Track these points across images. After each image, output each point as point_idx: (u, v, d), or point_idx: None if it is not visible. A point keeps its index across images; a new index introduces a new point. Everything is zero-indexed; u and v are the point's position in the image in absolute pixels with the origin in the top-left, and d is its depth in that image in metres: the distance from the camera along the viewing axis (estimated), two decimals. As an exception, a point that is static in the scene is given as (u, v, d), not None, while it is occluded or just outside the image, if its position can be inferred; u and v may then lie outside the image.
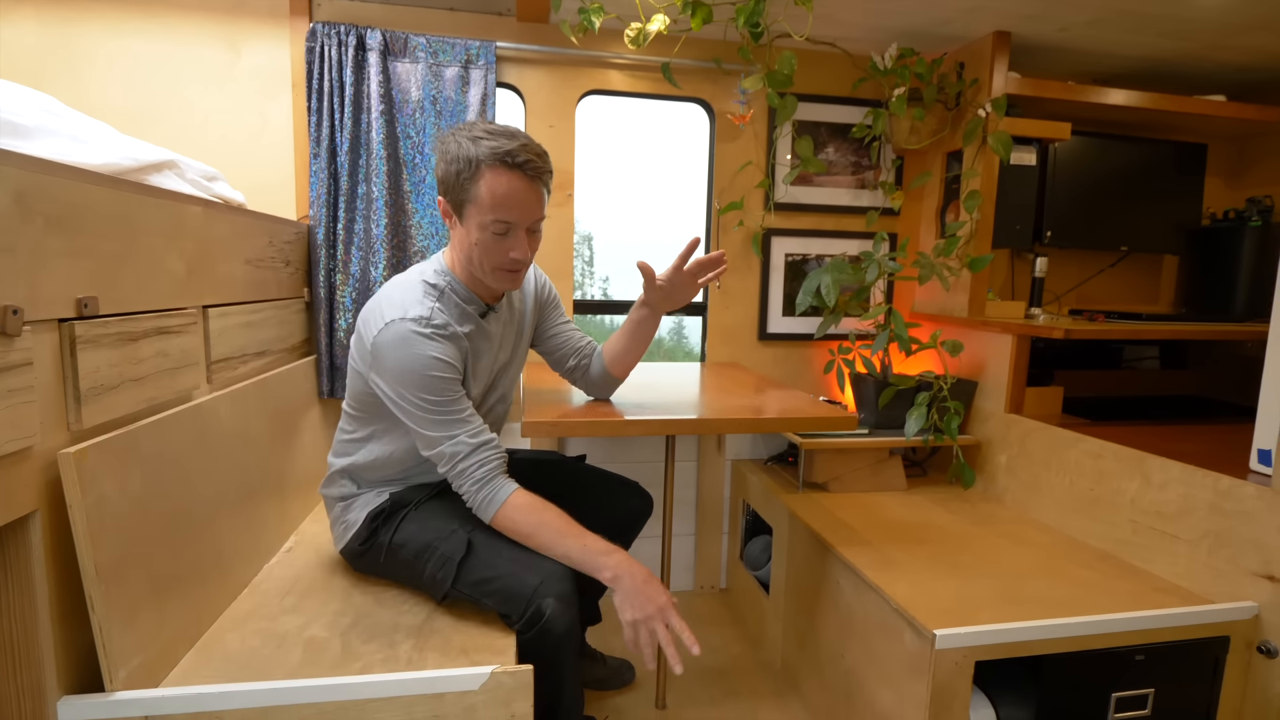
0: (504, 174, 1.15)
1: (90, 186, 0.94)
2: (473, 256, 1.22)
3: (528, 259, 1.23)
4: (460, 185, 1.17)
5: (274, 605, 1.25)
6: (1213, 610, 1.31)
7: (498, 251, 1.20)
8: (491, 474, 1.20)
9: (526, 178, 1.16)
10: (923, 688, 1.23)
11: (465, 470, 1.19)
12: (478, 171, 1.15)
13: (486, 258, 1.21)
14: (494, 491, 1.19)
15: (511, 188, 1.15)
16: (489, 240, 1.19)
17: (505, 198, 1.16)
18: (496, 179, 1.15)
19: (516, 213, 1.18)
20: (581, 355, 1.53)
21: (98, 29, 1.79)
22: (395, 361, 1.16)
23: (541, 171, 1.18)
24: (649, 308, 1.44)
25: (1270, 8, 1.77)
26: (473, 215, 1.18)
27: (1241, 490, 1.33)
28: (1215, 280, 2.42)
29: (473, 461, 1.19)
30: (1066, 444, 1.74)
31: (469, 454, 1.18)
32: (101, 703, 0.91)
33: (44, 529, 0.87)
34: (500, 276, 1.24)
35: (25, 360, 0.82)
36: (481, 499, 1.19)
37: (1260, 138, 2.48)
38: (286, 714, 0.97)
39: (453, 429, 1.18)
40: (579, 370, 1.53)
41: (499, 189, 1.15)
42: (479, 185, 1.15)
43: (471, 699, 1.02)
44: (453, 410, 1.19)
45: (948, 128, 2.14)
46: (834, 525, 1.71)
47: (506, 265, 1.22)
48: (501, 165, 1.14)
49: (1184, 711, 1.33)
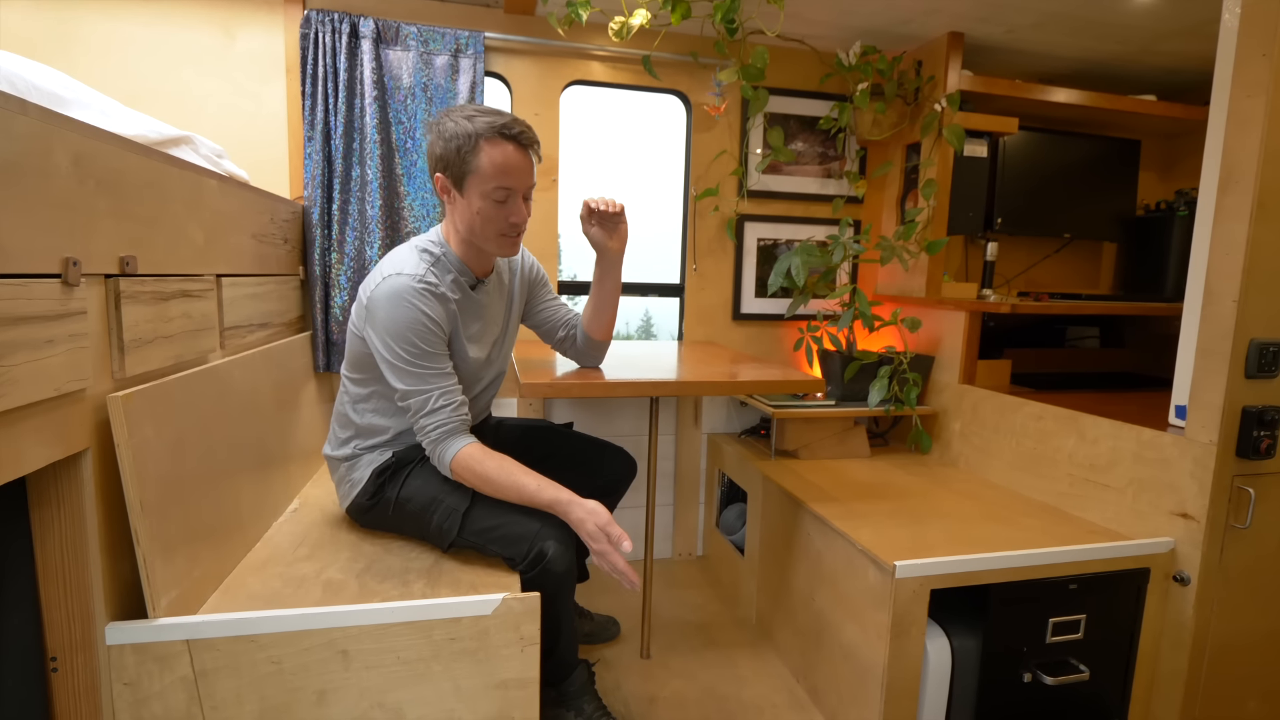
0: (501, 144, 1.26)
1: (130, 154, 1.02)
2: (474, 226, 1.32)
3: (525, 224, 1.34)
4: (461, 159, 1.27)
5: (289, 555, 1.34)
6: (1135, 545, 1.48)
7: (499, 218, 1.31)
8: (452, 430, 1.30)
9: (521, 147, 1.29)
10: (885, 616, 1.37)
11: (429, 424, 1.29)
12: (477, 145, 1.25)
13: (489, 225, 1.31)
14: (452, 443, 1.29)
15: (509, 156, 1.27)
16: (490, 208, 1.29)
17: (504, 166, 1.27)
18: (495, 149, 1.26)
19: (515, 179, 1.29)
20: (569, 326, 1.65)
21: (92, 12, 1.84)
22: (386, 313, 1.27)
23: (533, 141, 1.31)
24: (598, 250, 1.56)
25: (1195, 15, 1.96)
26: (474, 185, 1.28)
27: (1160, 440, 1.51)
28: (1148, 265, 2.63)
29: (437, 419, 1.28)
30: (1013, 409, 1.91)
31: (436, 410, 1.28)
32: (147, 627, 1.00)
33: (94, 466, 0.95)
34: (502, 242, 1.35)
35: (81, 309, 0.90)
36: (440, 450, 1.29)
37: (1187, 135, 2.70)
38: (316, 637, 1.07)
39: (427, 383, 1.28)
40: (568, 340, 1.65)
41: (498, 158, 1.26)
42: (479, 157, 1.26)
43: (485, 623, 1.12)
44: (431, 366, 1.29)
45: (907, 121, 2.30)
46: (804, 486, 1.86)
47: (508, 230, 1.32)
48: (499, 137, 1.26)
49: (1112, 633, 1.51)
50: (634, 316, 5.40)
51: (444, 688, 1.13)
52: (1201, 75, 2.43)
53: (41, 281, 0.82)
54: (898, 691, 1.39)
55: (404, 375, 1.28)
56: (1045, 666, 1.46)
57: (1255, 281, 1.36)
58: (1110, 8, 1.93)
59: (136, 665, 1.01)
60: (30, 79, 1.02)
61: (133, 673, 1.01)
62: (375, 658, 1.10)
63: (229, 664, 1.05)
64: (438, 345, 1.30)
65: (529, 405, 2.27)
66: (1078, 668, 1.46)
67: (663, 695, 1.68)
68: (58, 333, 0.85)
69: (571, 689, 1.42)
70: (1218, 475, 1.41)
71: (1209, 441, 1.41)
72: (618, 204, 1.52)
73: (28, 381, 0.79)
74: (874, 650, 1.41)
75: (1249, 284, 1.35)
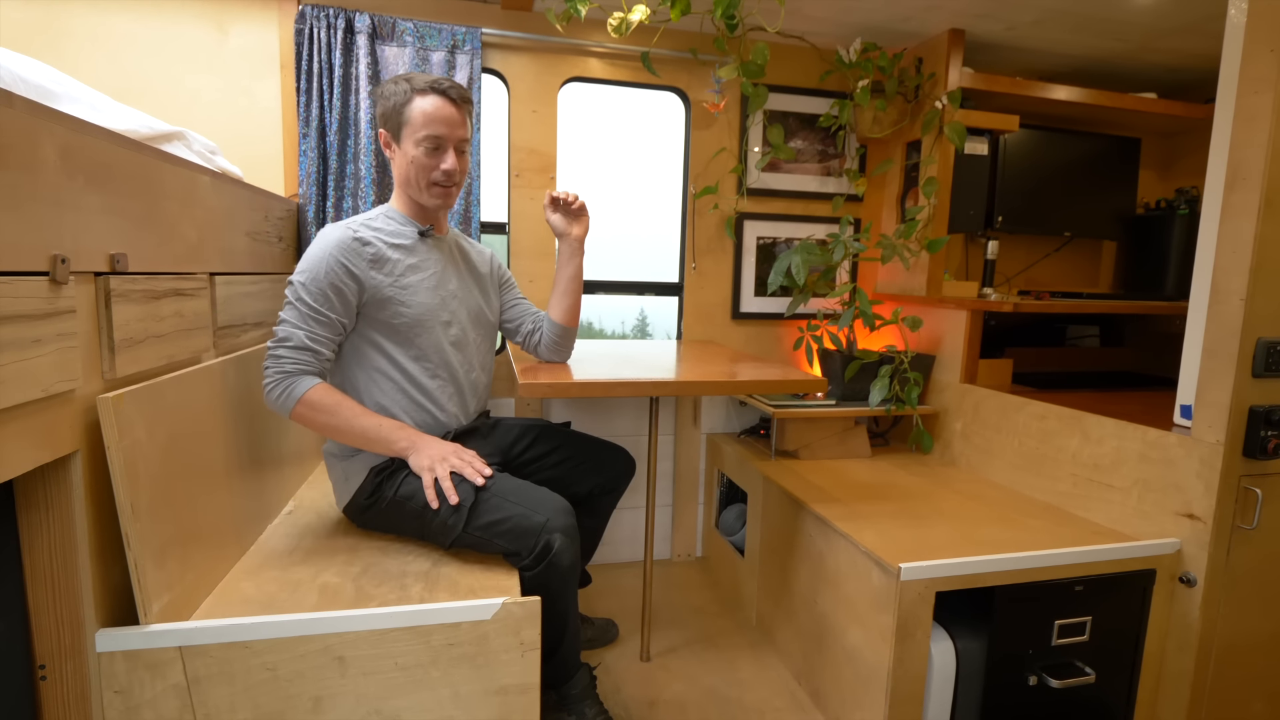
0: (431, 97, 1.36)
1: (120, 149, 1.00)
2: (409, 176, 1.39)
3: (456, 173, 1.40)
4: (396, 112, 1.37)
5: (284, 558, 1.32)
6: (1141, 546, 1.47)
7: (431, 165, 1.38)
8: (310, 371, 1.28)
9: (450, 100, 1.37)
10: (889, 618, 1.35)
11: (288, 357, 1.26)
12: (410, 99, 1.36)
13: (422, 173, 1.38)
14: (296, 384, 1.26)
15: (437, 108, 1.36)
16: (422, 157, 1.37)
17: (433, 116, 1.35)
18: (425, 100, 1.36)
19: (444, 128, 1.36)
20: (537, 320, 1.69)
21: (82, 5, 1.81)
22: (308, 251, 1.33)
23: (463, 98, 1.39)
24: (559, 236, 1.65)
25: (1196, 12, 1.95)
26: (408, 136, 1.37)
27: (1166, 440, 1.50)
28: (1148, 264, 2.63)
29: (292, 356, 1.27)
30: (1015, 408, 1.90)
31: (294, 348, 1.27)
32: (138, 634, 0.97)
33: (83, 469, 0.92)
34: (434, 192, 1.41)
35: (70, 308, 0.88)
36: (282, 389, 1.26)
37: (1187, 133, 2.70)
38: (312, 643, 1.05)
39: (305, 323, 1.28)
40: (536, 334, 1.68)
41: (428, 109, 1.35)
42: (411, 108, 1.35)
43: (485, 628, 1.10)
44: (315, 312, 1.28)
45: (907, 119, 2.28)
46: (805, 486, 1.84)
47: (439, 179, 1.39)
48: (430, 90, 1.36)
49: (1117, 635, 1.49)
50: (629, 315, 5.37)
51: (443, 694, 1.11)
52: (1202, 73, 2.43)
53: (28, 279, 0.79)
54: (902, 695, 1.37)
55: (289, 307, 1.29)
56: (1051, 669, 1.44)
57: (1263, 280, 1.34)
58: (1111, 4, 1.92)
59: (127, 673, 0.99)
60: (17, 71, 1.00)
61: (124, 680, 0.99)
62: (373, 664, 1.08)
63: (222, 671, 1.02)
64: (337, 298, 1.30)
65: (526, 405, 2.25)
66: (1083, 670, 1.45)
67: (663, 698, 1.67)
68: (46, 332, 0.82)
69: (573, 692, 1.40)
70: (1224, 475, 1.40)
71: (1215, 441, 1.40)
72: (579, 201, 1.62)
73: (14, 382, 0.77)
74: (878, 653, 1.40)
75: (1256, 282, 1.34)
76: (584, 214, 1.64)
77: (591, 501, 1.67)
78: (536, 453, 1.62)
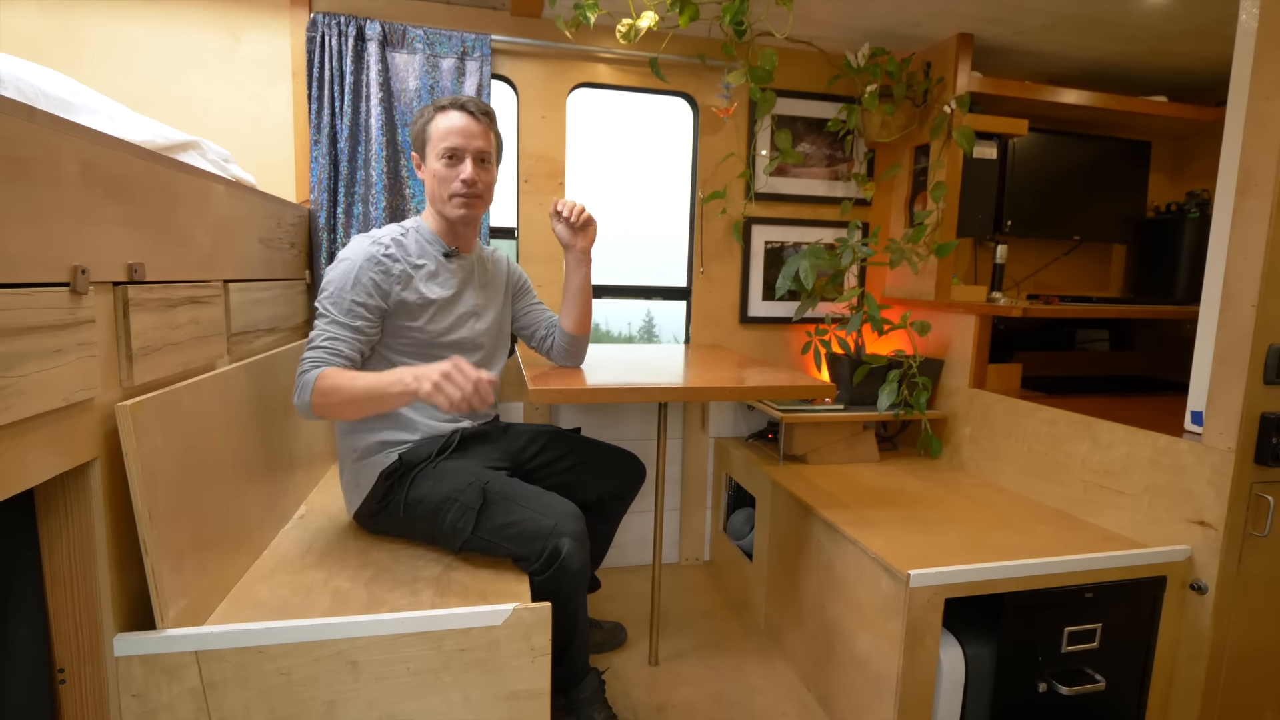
0: (449, 112, 1.43)
1: (137, 160, 1.01)
2: (434, 190, 1.44)
3: (477, 183, 1.43)
4: (422, 131, 1.45)
5: (296, 563, 1.33)
6: (1151, 553, 1.46)
7: (451, 177, 1.42)
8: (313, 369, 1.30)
9: (468, 113, 1.43)
10: (898, 625, 1.35)
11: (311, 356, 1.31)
12: (432, 117, 1.43)
13: (443, 185, 1.43)
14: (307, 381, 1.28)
15: (455, 120, 1.42)
16: (442, 169, 1.42)
17: (450, 129, 1.41)
18: (443, 116, 1.43)
19: (460, 139, 1.41)
20: (550, 326, 1.71)
21: (97, 15, 1.83)
22: (337, 262, 1.38)
23: (481, 111, 1.44)
24: (565, 246, 1.65)
25: (1207, 15, 1.94)
26: (430, 151, 1.44)
27: (1177, 446, 1.49)
28: (1159, 267, 2.61)
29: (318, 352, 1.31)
30: (1024, 413, 1.89)
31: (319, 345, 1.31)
32: (155, 638, 0.99)
33: (102, 476, 0.94)
34: (455, 203, 1.43)
35: (89, 318, 0.89)
36: (297, 392, 1.30)
37: (1198, 136, 2.68)
38: (326, 648, 1.06)
39: (329, 328, 1.33)
40: (549, 340, 1.70)
41: (445, 123, 1.42)
42: (433, 125, 1.43)
43: (495, 633, 1.11)
44: (343, 318, 1.34)
45: (916, 123, 2.28)
46: (814, 491, 1.84)
47: (459, 190, 1.42)
48: (449, 107, 1.43)
49: (1128, 643, 1.49)
50: (636, 318, 5.40)
51: (454, 699, 1.12)
52: (1213, 76, 2.41)
53: (50, 290, 0.81)
54: (911, 701, 1.37)
55: (320, 314, 1.35)
56: (1061, 676, 1.44)
57: (1275, 286, 1.34)
58: (1121, 8, 1.91)
59: (145, 677, 1.00)
60: (38, 85, 1.01)
61: (141, 684, 1.00)
62: (385, 669, 1.09)
63: (237, 675, 1.04)
64: (364, 307, 1.35)
65: (535, 410, 2.26)
66: (1093, 677, 1.45)
67: (671, 703, 1.67)
68: (66, 342, 0.84)
69: (582, 696, 1.41)
70: (1236, 482, 1.39)
71: (1227, 448, 1.39)
72: (585, 214, 1.62)
73: (35, 392, 0.78)
74: (887, 660, 1.40)
75: (1268, 288, 1.33)
76: (589, 226, 1.64)
77: (601, 507, 1.68)
78: (547, 458, 1.63)
